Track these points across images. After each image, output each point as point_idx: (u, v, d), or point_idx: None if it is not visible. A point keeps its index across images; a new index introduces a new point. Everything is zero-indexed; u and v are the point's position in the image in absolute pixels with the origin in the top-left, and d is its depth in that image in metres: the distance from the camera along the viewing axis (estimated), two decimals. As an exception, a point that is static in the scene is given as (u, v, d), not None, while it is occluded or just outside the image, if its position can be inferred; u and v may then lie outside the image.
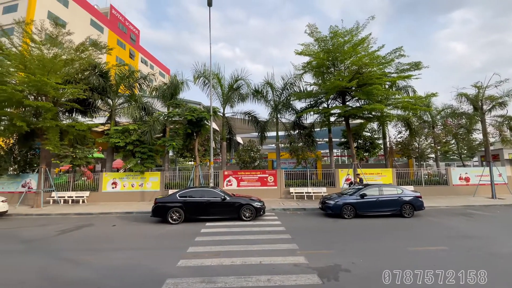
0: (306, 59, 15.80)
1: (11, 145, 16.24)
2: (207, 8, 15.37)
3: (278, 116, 18.59)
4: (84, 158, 15.58)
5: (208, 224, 9.39)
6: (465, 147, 21.45)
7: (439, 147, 20.09)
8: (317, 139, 20.34)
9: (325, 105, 18.01)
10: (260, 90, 18.47)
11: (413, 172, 18.28)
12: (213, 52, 15.88)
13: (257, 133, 20.11)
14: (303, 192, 15.66)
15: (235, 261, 5.51)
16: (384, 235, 7.87)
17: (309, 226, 9.19)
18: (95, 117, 17.99)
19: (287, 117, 19.35)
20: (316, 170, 17.72)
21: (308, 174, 16.66)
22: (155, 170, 16.99)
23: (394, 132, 21.07)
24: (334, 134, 19.85)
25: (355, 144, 18.35)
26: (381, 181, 16.11)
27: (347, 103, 16.70)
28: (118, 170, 22.02)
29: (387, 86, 16.39)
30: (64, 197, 15.08)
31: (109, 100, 17.44)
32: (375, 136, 20.39)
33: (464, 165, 22.08)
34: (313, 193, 15.67)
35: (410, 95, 17.95)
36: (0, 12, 29.90)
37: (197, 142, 15.47)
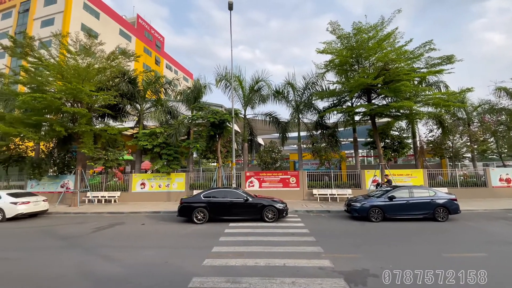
0: (328, 57, 15.46)
1: (51, 148, 17.73)
2: (228, 12, 15.68)
3: (300, 116, 18.36)
4: (115, 160, 16.55)
5: (231, 224, 9.50)
6: (506, 146, 19.59)
7: (475, 146, 18.56)
8: (341, 139, 19.76)
9: (349, 104, 17.46)
10: (281, 90, 18.39)
11: (446, 173, 17.06)
12: (234, 55, 16.14)
13: (278, 134, 20.03)
14: (327, 194, 15.28)
15: (258, 262, 5.51)
16: (415, 239, 7.42)
17: (334, 229, 8.94)
18: (125, 121, 19.04)
19: (309, 117, 19.07)
20: (341, 171, 17.20)
21: (332, 175, 16.23)
22: (180, 171, 17.57)
23: (425, 131, 19.95)
24: (359, 133, 19.17)
25: (382, 144, 17.57)
26: (411, 183, 15.24)
27: (373, 101, 16.04)
28: (146, 171, 23.09)
29: (416, 82, 15.49)
30: (98, 196, 16.14)
31: (137, 105, 18.38)
32: (404, 135, 19.35)
33: (504, 165, 20.17)
34: (338, 195, 15.24)
35: (442, 90, 16.81)
36: (39, 25, 32.77)
37: (219, 144, 15.76)
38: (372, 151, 28.93)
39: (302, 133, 19.09)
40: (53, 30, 18.98)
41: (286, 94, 18.50)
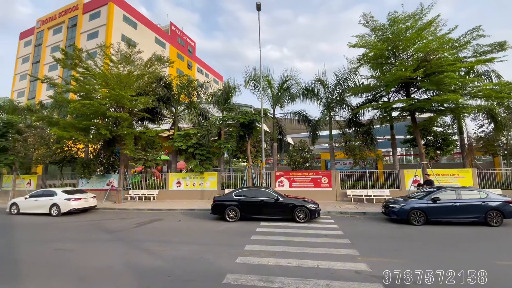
0: (361, 51, 14.73)
1: (98, 150, 19.51)
2: (255, 13, 15.80)
3: (331, 114, 17.77)
4: (154, 160, 17.68)
5: (262, 223, 9.55)
6: None
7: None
8: (377, 137, 18.70)
9: (386, 99, 16.45)
10: (310, 88, 17.99)
11: (500, 172, 15.18)
12: (262, 55, 16.19)
13: (308, 133, 19.64)
14: (362, 195, 14.59)
15: (291, 263, 5.46)
16: (464, 245, 6.74)
17: (370, 231, 8.50)
18: (161, 123, 20.24)
19: (341, 115, 18.37)
20: (377, 171, 16.27)
21: (368, 175, 15.43)
22: (212, 170, 18.15)
23: (474, 126, 17.92)
24: (397, 130, 17.96)
25: (423, 141, 16.28)
26: (458, 183, 13.86)
27: (412, 95, 14.91)
28: (181, 171, 24.26)
29: (462, 73, 14.06)
30: (139, 194, 17.37)
31: (173, 108, 19.40)
32: (449, 131, 17.67)
33: None
34: (374, 196, 14.46)
35: (494, 81, 15.00)
36: (85, 38, 36.25)
37: (249, 144, 15.95)
38: (412, 149, 26.95)
39: (334, 131, 18.46)
40: (97, 42, 20.91)
41: (316, 92, 18.05)
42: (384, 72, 14.71)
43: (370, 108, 16.53)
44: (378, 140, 19.74)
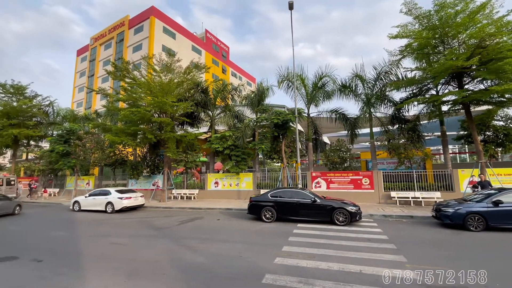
0: (403, 42, 13.68)
1: (144, 153, 21.20)
2: (287, 12, 15.67)
3: (371, 110, 16.76)
4: (193, 161, 18.65)
5: (299, 225, 9.41)
6: None
7: None
8: (425, 134, 17.09)
9: (434, 92, 14.99)
10: (348, 84, 17.20)
11: None
12: (294, 53, 15.97)
13: (346, 131, 18.81)
14: (408, 197, 13.47)
15: (332, 266, 5.28)
16: (540, 258, 5.80)
17: (419, 237, 7.80)
18: (200, 127, 21.24)
19: (383, 111, 17.21)
20: (425, 171, 14.88)
21: (415, 175, 14.19)
22: (247, 171, 18.46)
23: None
24: (448, 126, 16.21)
25: (481, 137, 14.42)
26: (528, 185, 11.97)
27: (466, 86, 13.34)
28: (218, 172, 25.12)
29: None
30: (181, 193, 18.45)
31: (209, 112, 20.24)
32: (513, 125, 15.36)
33: None
34: (423, 198, 13.25)
35: None
36: (131, 51, 39.69)
37: (283, 144, 15.84)
38: (466, 146, 24.01)
39: (375, 129, 17.38)
40: (142, 54, 22.84)
41: (354, 88, 17.20)
42: (432, 62, 13.41)
43: (416, 103, 15.19)
44: (426, 137, 18.02)
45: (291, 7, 15.00)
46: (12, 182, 21.64)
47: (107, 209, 13.81)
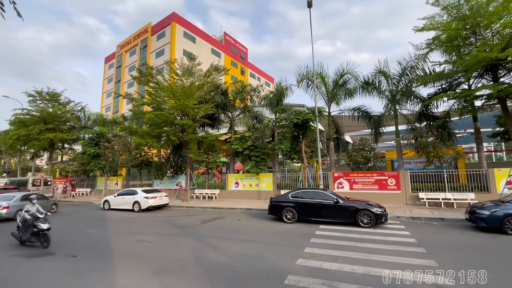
0: (430, 34, 12.91)
1: (168, 154, 21.95)
2: (304, 10, 15.47)
3: (396, 107, 16.04)
4: (214, 162, 19.02)
5: (321, 226, 9.23)
6: None
7: None
8: (456, 131, 16.05)
9: (465, 87, 14.04)
10: (371, 81, 16.59)
11: None
12: (313, 51, 15.71)
13: (369, 130, 18.16)
14: (439, 198, 12.70)
15: (356, 269, 5.12)
16: None
17: (451, 240, 7.33)
18: (220, 128, 21.60)
19: (409, 108, 16.42)
20: (457, 171, 13.94)
21: (445, 175, 13.35)
22: (267, 171, 18.45)
23: None
24: (482, 122, 15.08)
25: (521, 134, 13.24)
26: None
27: (501, 79, 12.34)
28: (238, 172, 25.39)
29: None
30: (202, 193, 18.88)
31: (229, 113, 20.52)
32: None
33: None
34: (454, 199, 12.43)
35: None
36: (154, 57, 41.26)
37: (303, 144, 15.64)
38: (503, 143, 22.21)
39: (401, 127, 16.62)
40: (164, 59, 23.72)
41: (377, 84, 16.56)
42: (462, 55, 12.58)
43: (445, 99, 14.33)
44: (457, 135, 16.90)
45: (309, 5, 14.78)
46: (49, 183, 23.38)
47: (134, 208, 14.48)
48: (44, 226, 7.21)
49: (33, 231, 7.21)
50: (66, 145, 29.37)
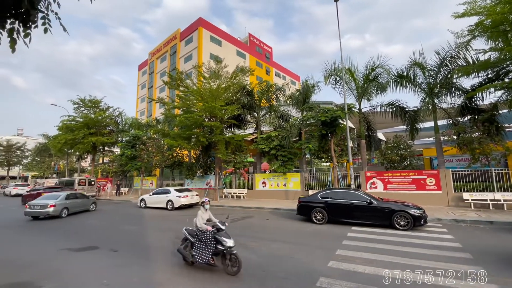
0: (472, 20, 11.79)
1: (198, 155, 22.74)
2: (329, 4, 15.01)
3: (435, 101, 14.86)
4: (241, 162, 19.30)
5: (354, 228, 8.88)
6: None
7: None
8: (505, 125, 14.42)
9: (516, 75, 12.55)
10: (405, 74, 15.55)
11: None
12: (341, 46, 15.18)
13: (404, 126, 17.06)
14: (486, 200, 11.52)
15: (395, 274, 4.84)
16: None
17: (501, 246, 6.59)
18: (246, 128, 21.84)
19: (449, 101, 15.10)
20: (507, 169, 12.50)
21: (494, 174, 12.06)
22: (294, 171, 18.24)
23: None
24: (539, 114, 13.37)
25: None
26: None
27: None
28: (265, 172, 25.46)
29: None
30: (231, 193, 19.25)
31: (255, 113, 20.66)
32: None
33: None
34: (505, 201, 11.18)
35: None
36: (183, 62, 42.94)
37: (332, 143, 15.18)
38: None
39: (440, 122, 15.37)
40: (192, 63, 24.63)
41: (412, 77, 15.48)
42: (510, 41, 11.26)
43: (492, 89, 12.93)
44: (507, 129, 15.17)
45: (336, -1, 14.31)
46: (92, 182, 25.55)
47: (168, 206, 15.23)
48: (230, 242, 5.19)
49: (216, 248, 5.22)
50: (106, 148, 31.81)
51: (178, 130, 20.69)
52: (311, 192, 15.40)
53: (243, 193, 18.81)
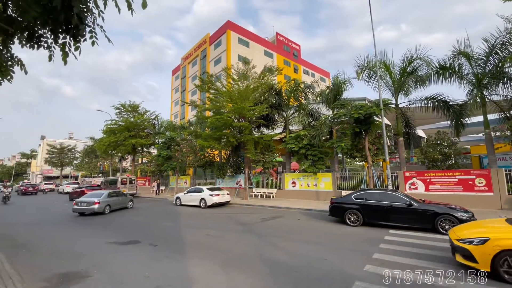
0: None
1: (228, 155, 23.27)
2: (364, -4, 14.25)
3: (484, 93, 13.38)
4: (270, 162, 19.30)
5: (391, 231, 8.36)
6: None
7: None
8: None
9: None
10: (448, 64, 14.25)
11: None
12: (372, 39, 14.41)
13: (448, 122, 15.64)
14: (552, 203, 10.07)
15: (442, 283, 4.47)
16: None
17: None
18: (274, 128, 21.81)
19: (501, 93, 13.50)
20: None
21: (561, 174, 10.51)
22: (325, 171, 17.73)
23: None
24: None
25: None
26: None
27: None
28: (294, 171, 25.17)
29: None
30: (260, 192, 19.36)
31: (283, 113, 20.54)
32: None
33: None
34: None
35: None
36: (213, 65, 44.19)
37: (367, 141, 14.45)
38: None
39: (491, 116, 13.83)
40: (222, 66, 25.25)
41: (456, 68, 14.12)
42: None
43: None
44: None
45: (368, -11, 13.60)
46: (133, 181, 27.54)
47: (201, 204, 15.83)
48: None
49: None
50: (145, 149, 34.09)
51: (209, 131, 21.38)
52: (343, 193, 14.86)
53: (272, 193, 18.80)
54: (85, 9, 5.19)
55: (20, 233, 9.83)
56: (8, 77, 6.56)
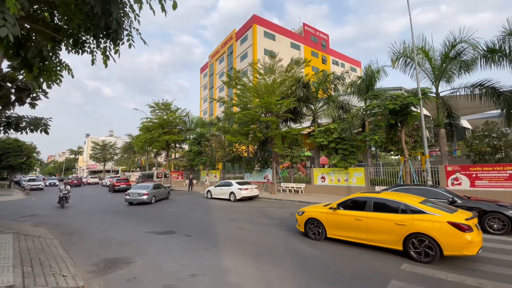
0: None
1: (255, 150, 23.48)
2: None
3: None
4: (298, 156, 19.11)
5: (431, 229, 7.82)
6: None
7: None
8: None
9: None
10: (497, 47, 12.71)
11: None
12: (408, 23, 13.32)
13: (498, 111, 14.02)
14: None
15: (485, 285, 4.12)
16: None
17: None
18: (302, 122, 21.43)
19: None
20: None
21: None
22: (357, 165, 17.04)
23: None
24: None
25: None
26: None
27: None
28: (324, 166, 24.59)
29: None
30: (288, 187, 19.29)
31: (311, 106, 20.04)
32: None
33: None
34: None
35: None
36: (239, 61, 44.46)
37: (403, 133, 13.55)
38: None
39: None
40: (248, 61, 25.35)
41: (508, 51, 12.54)
42: None
43: None
44: None
45: (404, -31, 12.54)
46: (167, 175, 29.15)
47: (231, 198, 16.28)
48: None
49: None
50: (177, 145, 35.77)
51: (236, 126, 21.72)
52: (377, 188, 14.20)
53: (301, 188, 18.62)
54: (122, 14, 5.57)
55: (72, 221, 11.01)
56: (58, 81, 7.32)
